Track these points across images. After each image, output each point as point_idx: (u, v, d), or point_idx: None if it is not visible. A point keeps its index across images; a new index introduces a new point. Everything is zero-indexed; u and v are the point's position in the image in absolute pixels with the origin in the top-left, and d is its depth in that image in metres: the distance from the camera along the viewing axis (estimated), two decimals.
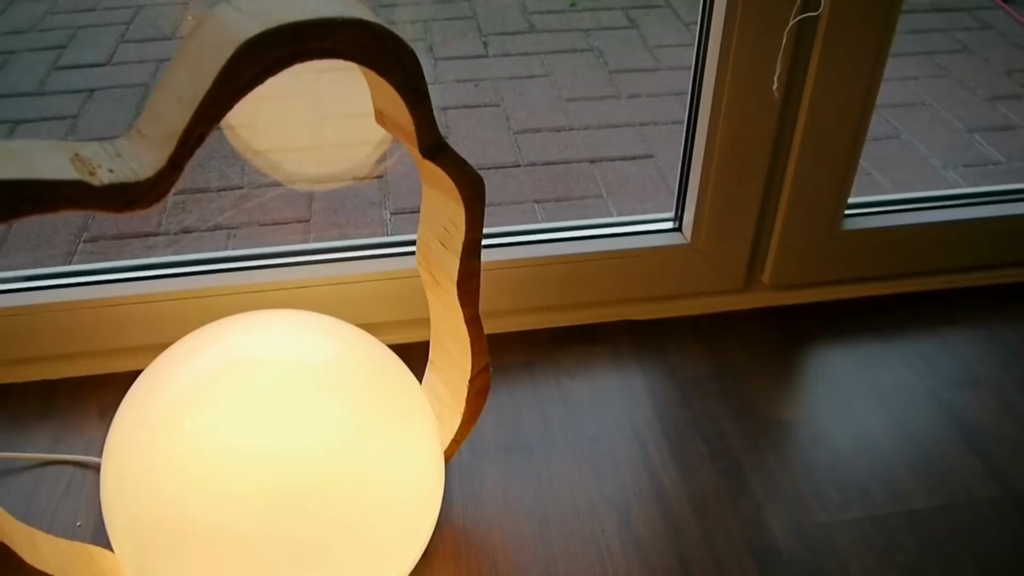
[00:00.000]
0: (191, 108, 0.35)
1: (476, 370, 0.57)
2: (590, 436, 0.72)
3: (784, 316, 0.84)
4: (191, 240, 1.08)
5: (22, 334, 0.76)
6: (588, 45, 1.58)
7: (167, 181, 0.36)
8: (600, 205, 1.13)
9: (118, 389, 0.77)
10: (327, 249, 0.80)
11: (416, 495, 0.50)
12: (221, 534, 0.45)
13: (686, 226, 0.80)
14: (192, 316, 0.77)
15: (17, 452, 0.71)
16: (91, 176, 0.34)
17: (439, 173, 0.47)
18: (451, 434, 0.62)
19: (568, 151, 1.25)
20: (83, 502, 0.67)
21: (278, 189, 1.17)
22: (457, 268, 0.51)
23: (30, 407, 0.76)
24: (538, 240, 0.81)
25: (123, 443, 0.48)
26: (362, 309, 0.78)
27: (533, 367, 0.79)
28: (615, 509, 0.66)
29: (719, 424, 0.73)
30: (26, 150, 0.34)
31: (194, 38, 0.37)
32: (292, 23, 0.36)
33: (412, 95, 0.41)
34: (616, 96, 1.41)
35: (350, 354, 0.51)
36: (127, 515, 0.47)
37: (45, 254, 1.07)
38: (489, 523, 0.65)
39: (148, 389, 0.50)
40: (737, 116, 0.72)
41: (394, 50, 0.39)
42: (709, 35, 0.70)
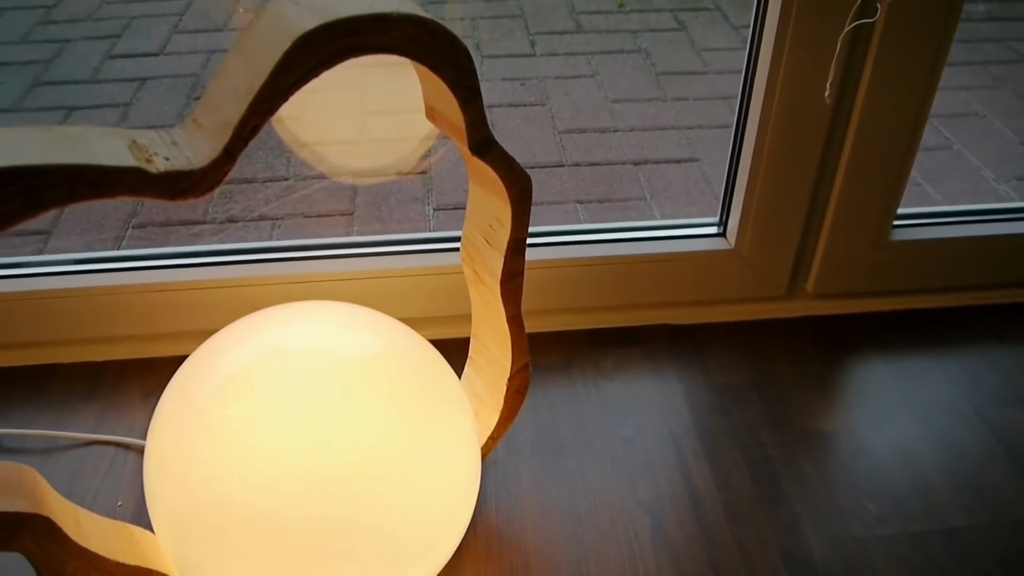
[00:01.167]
0: (247, 99, 0.35)
1: (516, 368, 0.58)
2: (626, 438, 0.72)
3: (826, 326, 0.83)
4: (236, 229, 1.09)
5: (71, 316, 0.77)
6: (636, 46, 1.57)
7: (221, 170, 0.36)
8: (643, 208, 1.13)
9: (161, 373, 0.79)
10: (370, 243, 0.80)
11: (452, 490, 0.51)
12: (259, 520, 0.46)
13: (730, 231, 0.80)
14: (236, 304, 0.78)
15: (62, 431, 0.72)
16: (148, 163, 0.35)
17: (487, 170, 0.47)
18: (488, 431, 0.62)
19: (612, 152, 1.24)
20: (124, 482, 0.69)
21: (323, 182, 1.18)
22: (501, 266, 0.51)
23: (76, 388, 0.77)
24: (580, 241, 0.81)
25: (167, 427, 0.49)
26: (403, 303, 0.78)
27: (571, 367, 0.79)
28: (648, 512, 0.66)
29: (756, 432, 0.73)
30: (86, 136, 0.35)
31: (252, 30, 0.37)
32: (349, 17, 0.36)
33: (464, 92, 0.41)
34: (662, 98, 1.40)
35: (392, 347, 0.51)
36: (168, 497, 0.48)
37: (95, 238, 1.09)
38: (522, 521, 0.65)
39: (193, 374, 0.51)
40: (787, 122, 0.71)
41: (448, 47, 0.40)
42: (761, 39, 0.70)
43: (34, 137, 0.33)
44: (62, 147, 0.33)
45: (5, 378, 0.78)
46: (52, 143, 0.33)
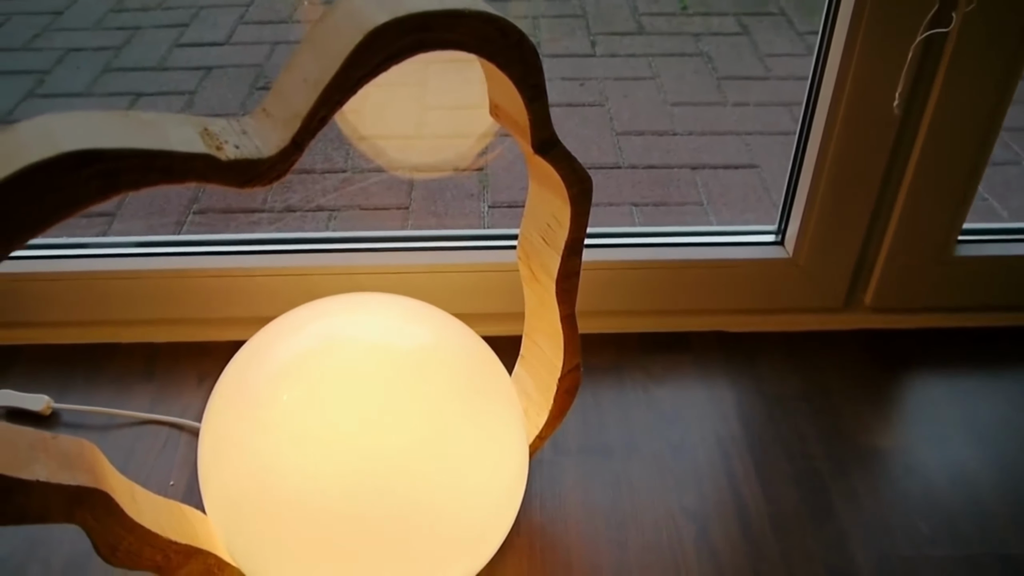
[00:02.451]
0: (316, 91, 0.36)
1: (567, 369, 0.57)
2: (673, 444, 0.71)
3: (883, 340, 0.82)
4: (294, 219, 1.11)
5: (131, 297, 0.79)
6: (697, 50, 1.55)
7: (289, 160, 0.37)
8: (699, 213, 1.12)
9: (216, 357, 0.80)
10: (425, 237, 0.81)
11: (499, 487, 0.51)
12: (308, 507, 0.46)
13: (789, 240, 0.79)
14: (291, 292, 0.79)
15: (119, 409, 0.74)
16: (218, 151, 0.35)
17: (548, 169, 0.47)
18: (536, 430, 0.62)
19: (670, 156, 1.24)
20: (177, 462, 0.70)
21: (380, 175, 1.19)
22: (557, 265, 0.51)
23: (133, 368, 0.79)
24: (634, 244, 0.80)
25: (222, 410, 0.50)
26: (455, 298, 0.78)
27: (620, 370, 0.78)
28: (694, 520, 0.65)
29: (807, 444, 0.71)
30: (160, 122, 0.36)
31: (324, 23, 0.38)
32: (420, 13, 0.36)
33: (530, 91, 0.42)
34: (723, 103, 1.38)
35: (446, 342, 0.51)
36: (221, 480, 0.49)
37: (157, 222, 1.12)
38: (566, 522, 0.65)
39: (249, 360, 0.51)
40: (853, 130, 0.70)
41: (516, 45, 0.40)
42: (830, 46, 0.68)
43: (113, 121, 0.34)
44: (138, 132, 0.34)
45: (67, 355, 0.80)
46: (129, 128, 0.34)
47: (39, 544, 0.64)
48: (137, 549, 0.46)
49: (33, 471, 0.40)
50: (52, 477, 0.40)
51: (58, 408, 0.74)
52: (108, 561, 0.46)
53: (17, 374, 0.78)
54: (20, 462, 0.40)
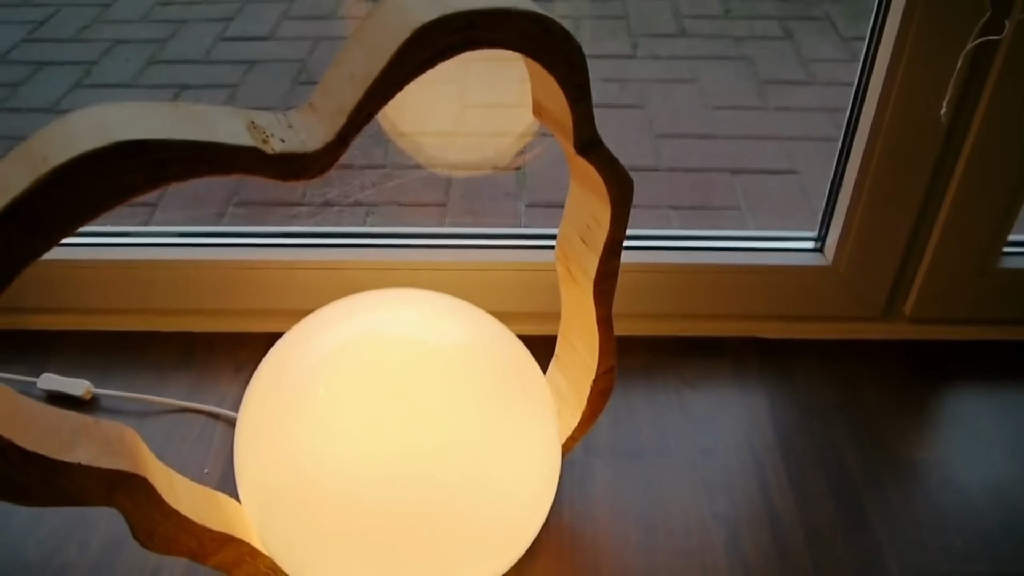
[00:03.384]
0: (363, 86, 0.36)
1: (601, 370, 0.57)
2: (706, 450, 0.71)
3: (922, 351, 0.81)
4: (332, 213, 1.12)
5: (171, 286, 0.80)
6: (739, 53, 1.54)
7: (333, 155, 0.37)
8: (737, 217, 1.11)
9: (252, 348, 0.81)
10: (462, 234, 0.81)
11: (532, 486, 0.51)
12: (340, 500, 0.47)
13: (828, 247, 0.78)
14: (328, 286, 0.79)
15: (157, 396, 0.75)
16: (264, 144, 0.36)
17: (589, 170, 0.47)
18: (568, 431, 0.62)
19: (709, 159, 1.23)
20: (212, 451, 0.71)
21: (418, 172, 1.19)
22: (596, 266, 0.51)
23: (171, 356, 0.80)
24: (671, 247, 0.80)
25: (259, 400, 0.51)
26: (491, 296, 0.78)
27: (653, 374, 0.78)
28: (725, 527, 0.65)
29: (842, 455, 0.71)
30: (208, 114, 0.36)
31: (372, 19, 0.38)
32: (468, 11, 0.36)
33: (574, 91, 0.42)
34: (764, 108, 1.37)
35: (482, 340, 0.52)
36: (256, 469, 0.50)
37: (198, 213, 1.13)
38: (596, 523, 0.65)
39: (288, 351, 0.52)
40: (898, 138, 0.69)
41: (562, 45, 0.40)
42: (877, 52, 0.68)
43: (162, 113, 0.34)
44: (187, 124, 0.34)
45: (108, 342, 0.81)
46: (178, 120, 0.34)
47: (77, 526, 0.65)
48: (173, 535, 0.47)
49: (75, 455, 0.40)
50: (93, 461, 0.41)
51: (98, 393, 0.76)
52: (144, 545, 0.46)
53: (59, 359, 0.80)
54: (63, 445, 0.40)
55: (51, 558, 0.63)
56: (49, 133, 0.34)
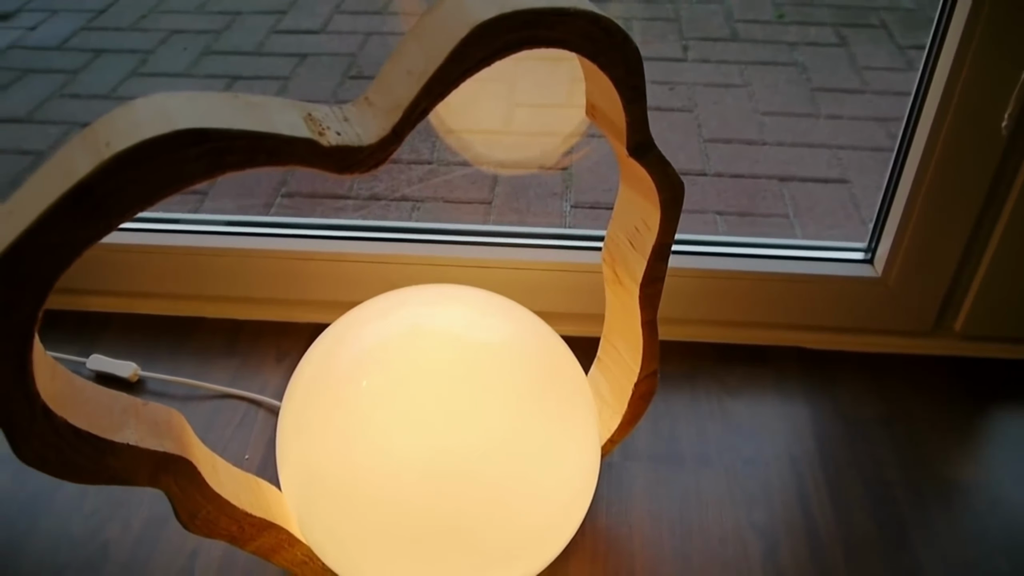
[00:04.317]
0: (420, 82, 0.36)
1: (644, 374, 0.57)
2: (745, 459, 0.70)
3: (971, 369, 0.79)
4: (378, 207, 1.12)
5: (218, 273, 0.81)
6: (792, 59, 1.52)
7: (388, 149, 0.37)
8: (784, 225, 1.10)
9: (295, 337, 0.82)
10: (506, 233, 0.81)
11: (570, 487, 0.51)
12: (379, 491, 0.47)
13: (879, 259, 0.76)
14: (372, 279, 0.80)
15: (201, 382, 0.76)
16: (320, 136, 0.36)
17: (640, 173, 0.46)
18: (608, 433, 0.62)
19: (758, 166, 1.21)
20: (253, 437, 0.72)
21: (465, 169, 1.19)
22: (643, 270, 0.51)
23: (216, 342, 0.82)
24: (716, 252, 0.79)
25: (303, 390, 0.51)
26: (534, 296, 0.79)
27: (695, 380, 0.77)
28: (762, 538, 0.64)
29: (884, 470, 0.69)
30: (266, 106, 0.36)
31: (431, 15, 0.38)
32: (527, 9, 0.36)
33: (630, 92, 0.41)
34: (815, 115, 1.35)
35: (526, 339, 0.52)
36: (298, 458, 0.50)
37: (247, 203, 1.14)
38: (631, 528, 0.65)
39: (333, 343, 0.52)
40: (955, 150, 0.68)
41: (620, 46, 0.39)
42: (936, 62, 0.66)
43: (223, 102, 0.35)
44: (246, 114, 0.35)
45: (155, 325, 0.83)
46: (238, 110, 0.35)
47: (120, 504, 0.66)
48: (215, 518, 0.48)
49: (124, 435, 0.41)
50: (141, 442, 0.42)
51: (144, 376, 0.77)
52: (186, 527, 0.47)
53: (108, 341, 0.81)
54: (114, 425, 0.41)
55: (95, 534, 0.64)
56: (112, 119, 0.34)
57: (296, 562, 0.54)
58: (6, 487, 0.68)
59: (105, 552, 0.63)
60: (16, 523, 0.65)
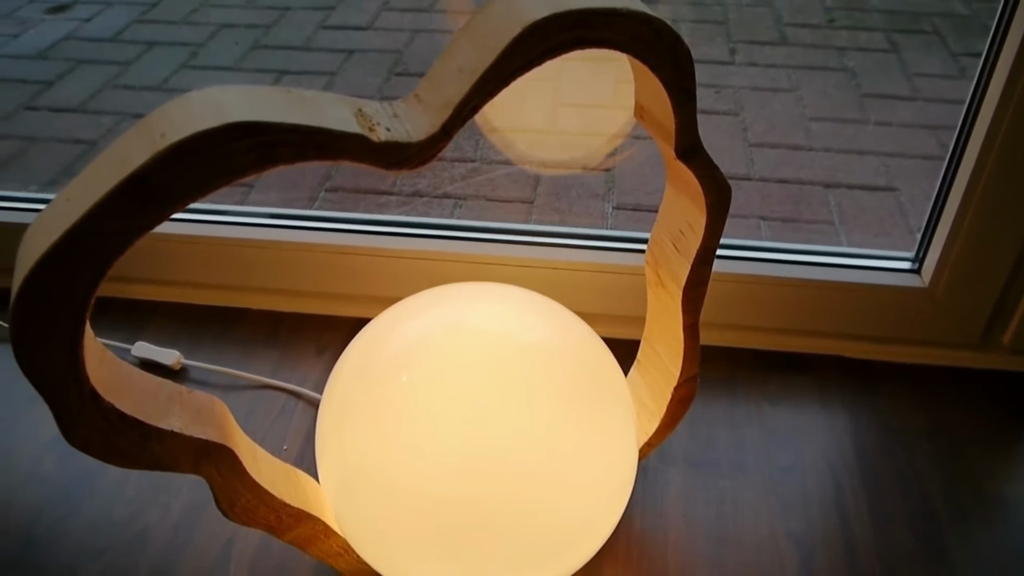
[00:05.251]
0: (471, 80, 0.36)
1: (683, 378, 0.57)
2: (783, 467, 0.69)
3: (1019, 383, 0.77)
4: (420, 204, 1.13)
5: (262, 266, 0.82)
6: (841, 64, 1.50)
7: (437, 146, 0.38)
8: (829, 232, 1.08)
9: (336, 331, 0.82)
10: (548, 232, 0.81)
11: (607, 489, 0.51)
12: (417, 487, 0.47)
13: (926, 270, 0.75)
14: (413, 275, 0.80)
15: (243, 372, 0.77)
16: (370, 132, 0.36)
17: (687, 175, 0.46)
18: (645, 437, 0.61)
19: (803, 171, 1.20)
20: (291, 428, 0.73)
21: (507, 168, 1.20)
22: (686, 274, 0.50)
23: (258, 333, 0.82)
24: (759, 258, 0.78)
25: (344, 383, 0.52)
26: (574, 296, 0.78)
27: (734, 385, 0.77)
28: (798, 548, 0.63)
29: (926, 484, 0.68)
30: (318, 100, 0.37)
31: (483, 14, 0.38)
32: (580, 9, 0.36)
33: (680, 94, 0.41)
34: (864, 121, 1.33)
35: (567, 339, 0.51)
36: (337, 451, 0.51)
37: (291, 196, 1.16)
38: (666, 532, 0.64)
39: (375, 338, 0.53)
40: (1010, 160, 0.66)
41: (671, 47, 0.39)
42: (993, 70, 0.65)
43: (275, 96, 0.35)
44: (298, 108, 0.35)
45: (199, 315, 0.84)
46: (290, 104, 0.35)
47: (161, 490, 0.67)
48: (253, 507, 0.48)
49: (169, 422, 0.42)
50: (185, 429, 0.42)
51: (187, 364, 0.78)
52: (226, 515, 0.48)
53: (153, 329, 0.83)
54: (158, 412, 0.42)
55: (135, 518, 0.65)
56: (167, 111, 0.35)
57: (331, 553, 0.55)
58: (51, 470, 0.69)
59: (144, 537, 0.64)
60: (59, 506, 0.67)
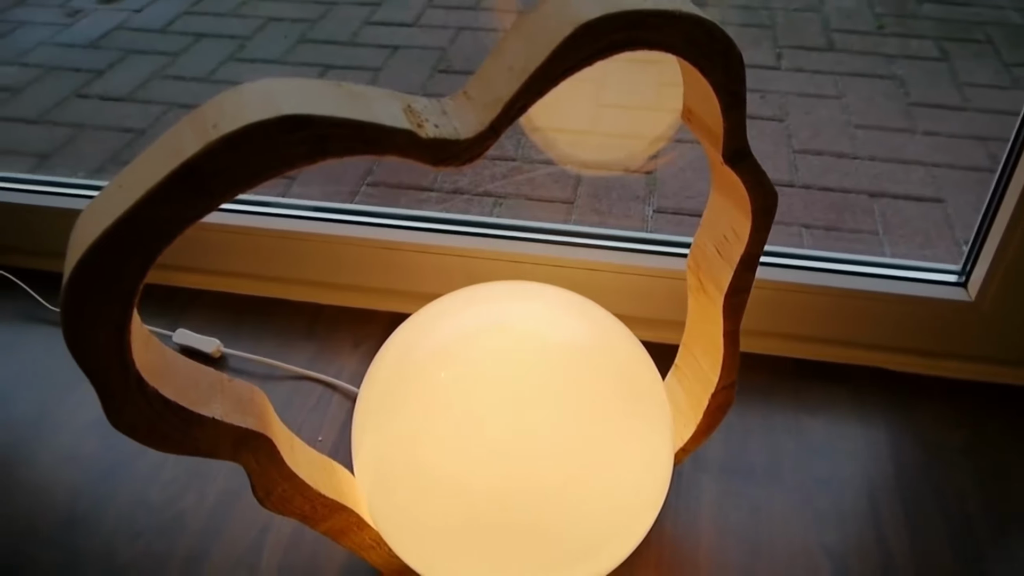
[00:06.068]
0: (520, 79, 0.36)
1: (722, 385, 0.56)
2: (819, 479, 0.68)
3: None
4: (460, 201, 1.13)
5: (302, 257, 0.83)
6: (890, 72, 1.48)
7: (484, 144, 0.38)
8: (873, 242, 1.07)
9: (373, 324, 0.83)
10: (588, 233, 0.81)
11: (641, 493, 0.50)
12: (451, 483, 0.47)
13: (973, 283, 0.74)
14: (451, 272, 0.80)
15: (281, 362, 0.78)
16: (419, 128, 0.36)
17: (734, 180, 0.46)
18: (681, 442, 0.61)
19: (848, 179, 1.18)
20: (327, 420, 0.73)
21: (548, 167, 1.20)
22: (728, 279, 0.50)
23: (297, 325, 0.83)
24: (800, 266, 0.77)
25: (382, 377, 0.52)
26: (612, 298, 0.78)
27: (772, 394, 0.76)
28: (832, 561, 0.63)
29: (965, 503, 0.67)
30: (368, 95, 0.37)
31: (535, 12, 0.38)
32: (633, 10, 0.36)
33: (729, 98, 0.41)
34: (911, 130, 1.31)
35: (607, 341, 0.51)
36: (373, 445, 0.51)
37: (332, 190, 1.17)
38: (697, 540, 0.64)
39: (414, 333, 0.53)
40: None
41: (723, 51, 0.39)
42: None
43: (327, 90, 0.35)
44: (348, 103, 0.35)
45: (239, 304, 0.85)
46: (341, 98, 0.35)
47: (197, 475, 0.68)
48: (289, 496, 0.49)
49: (211, 409, 0.42)
50: (226, 417, 0.43)
51: (226, 353, 0.79)
52: (262, 503, 0.48)
53: (194, 316, 0.84)
54: (200, 398, 0.42)
55: (171, 503, 0.66)
56: (221, 102, 0.35)
57: (364, 546, 0.55)
58: (92, 451, 0.71)
59: (181, 521, 0.65)
60: (99, 487, 0.68)
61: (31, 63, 1.58)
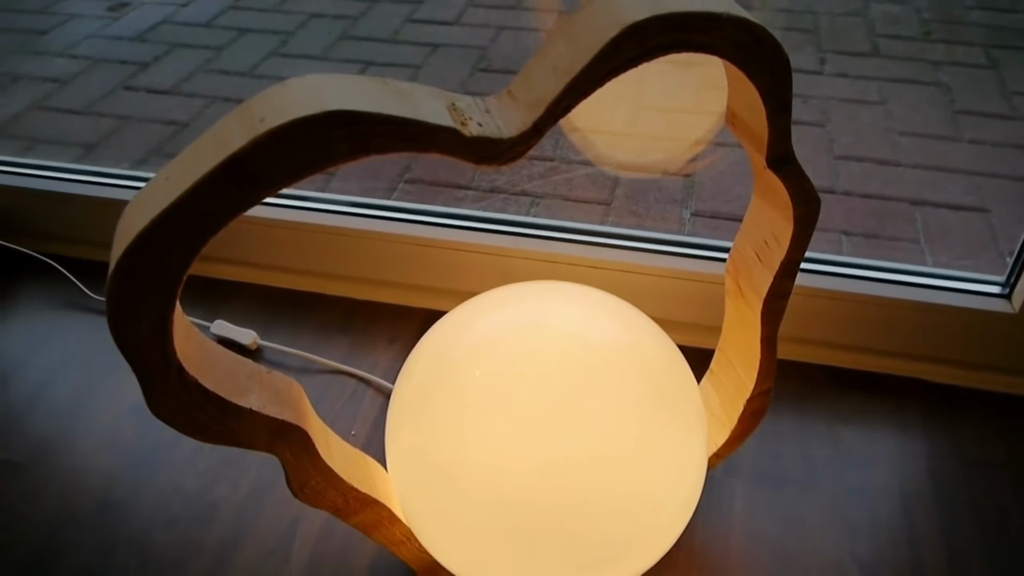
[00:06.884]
0: (565, 79, 0.36)
1: (757, 391, 0.56)
2: (853, 488, 0.68)
3: None
4: (497, 200, 1.13)
5: (340, 253, 0.84)
6: (935, 79, 1.46)
7: (527, 143, 0.38)
8: (914, 251, 1.05)
9: (409, 321, 0.83)
10: (624, 235, 0.81)
11: (674, 497, 0.50)
12: (483, 482, 0.48)
13: (1017, 295, 0.72)
14: (487, 270, 0.81)
15: (316, 356, 0.79)
16: (462, 126, 0.37)
17: (776, 186, 0.45)
18: (714, 448, 0.61)
19: (890, 187, 1.17)
20: (360, 414, 0.74)
21: (586, 168, 1.19)
22: (768, 285, 0.50)
23: (333, 319, 0.84)
24: (839, 273, 0.77)
25: (417, 374, 0.52)
26: (647, 301, 0.78)
27: (806, 402, 0.75)
28: (865, 571, 0.62)
29: (1004, 519, 0.66)
30: (412, 92, 0.37)
31: (581, 13, 0.38)
32: (680, 12, 0.36)
33: (775, 103, 0.40)
34: (955, 139, 1.29)
35: (644, 344, 0.51)
36: (406, 440, 0.51)
37: (371, 186, 1.17)
38: (728, 546, 0.63)
39: (450, 330, 0.53)
40: None
41: (770, 55, 0.39)
42: None
43: (372, 87, 0.36)
44: (393, 100, 0.35)
45: (277, 297, 0.86)
46: (386, 95, 0.35)
47: (231, 466, 0.69)
48: (323, 489, 0.49)
49: (249, 400, 0.43)
50: (263, 408, 0.43)
51: (263, 345, 0.80)
52: (295, 494, 0.49)
53: (232, 308, 0.85)
54: (238, 390, 0.43)
55: (206, 491, 0.67)
56: (268, 96, 0.35)
57: (394, 540, 0.56)
58: (130, 438, 0.72)
59: (214, 509, 0.66)
60: (136, 473, 0.69)
61: (79, 55, 1.60)
